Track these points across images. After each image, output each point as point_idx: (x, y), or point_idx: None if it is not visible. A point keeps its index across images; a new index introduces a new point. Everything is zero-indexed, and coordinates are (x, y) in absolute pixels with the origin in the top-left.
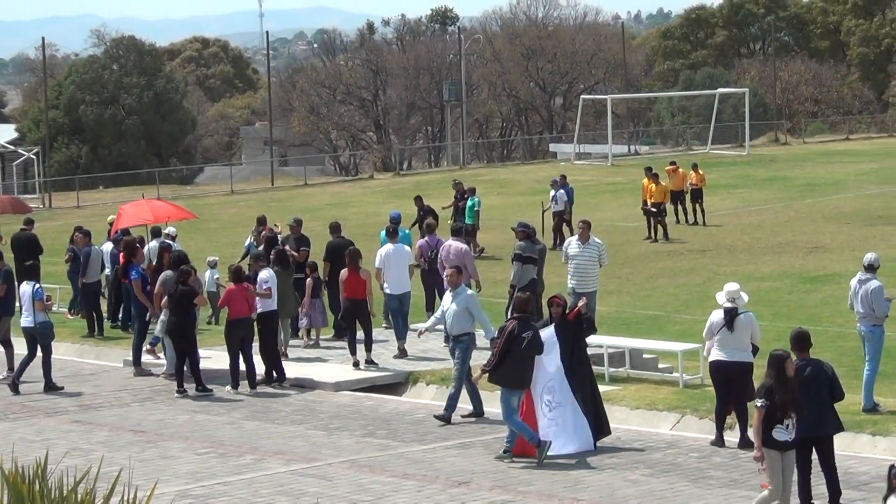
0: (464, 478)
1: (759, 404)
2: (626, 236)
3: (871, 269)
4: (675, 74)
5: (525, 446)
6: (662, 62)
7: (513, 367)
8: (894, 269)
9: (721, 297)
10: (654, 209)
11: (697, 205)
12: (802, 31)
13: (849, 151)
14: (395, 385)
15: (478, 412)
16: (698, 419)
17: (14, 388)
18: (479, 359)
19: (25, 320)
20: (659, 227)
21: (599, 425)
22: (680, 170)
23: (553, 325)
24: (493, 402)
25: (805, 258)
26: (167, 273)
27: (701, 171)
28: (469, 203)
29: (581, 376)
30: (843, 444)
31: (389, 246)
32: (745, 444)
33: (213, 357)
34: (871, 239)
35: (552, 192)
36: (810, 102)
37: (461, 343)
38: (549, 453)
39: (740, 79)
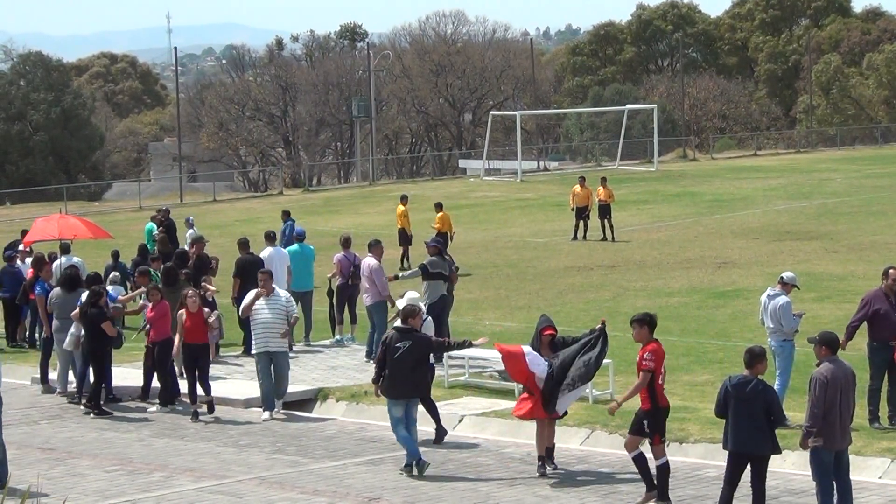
0: (374, 494)
1: None
2: (535, 252)
3: (784, 284)
4: (583, 90)
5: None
6: (571, 78)
7: (388, 376)
8: (803, 284)
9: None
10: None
11: (606, 220)
12: (710, 48)
13: (757, 167)
14: (305, 401)
15: None
16: (608, 434)
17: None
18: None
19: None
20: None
21: None
22: (586, 187)
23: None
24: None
25: (714, 273)
26: (56, 290)
27: (609, 187)
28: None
29: None
30: None
31: (269, 249)
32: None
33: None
34: (779, 254)
35: (187, 231)
36: (718, 118)
37: None
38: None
39: (649, 95)
